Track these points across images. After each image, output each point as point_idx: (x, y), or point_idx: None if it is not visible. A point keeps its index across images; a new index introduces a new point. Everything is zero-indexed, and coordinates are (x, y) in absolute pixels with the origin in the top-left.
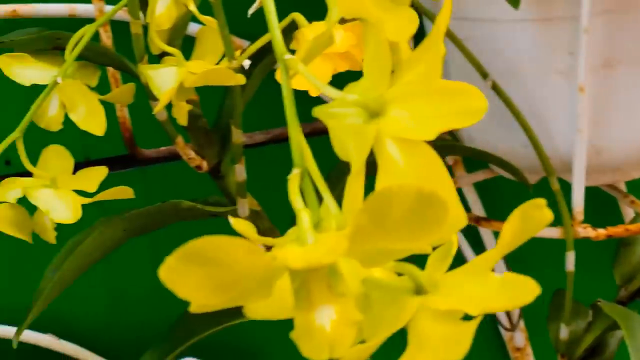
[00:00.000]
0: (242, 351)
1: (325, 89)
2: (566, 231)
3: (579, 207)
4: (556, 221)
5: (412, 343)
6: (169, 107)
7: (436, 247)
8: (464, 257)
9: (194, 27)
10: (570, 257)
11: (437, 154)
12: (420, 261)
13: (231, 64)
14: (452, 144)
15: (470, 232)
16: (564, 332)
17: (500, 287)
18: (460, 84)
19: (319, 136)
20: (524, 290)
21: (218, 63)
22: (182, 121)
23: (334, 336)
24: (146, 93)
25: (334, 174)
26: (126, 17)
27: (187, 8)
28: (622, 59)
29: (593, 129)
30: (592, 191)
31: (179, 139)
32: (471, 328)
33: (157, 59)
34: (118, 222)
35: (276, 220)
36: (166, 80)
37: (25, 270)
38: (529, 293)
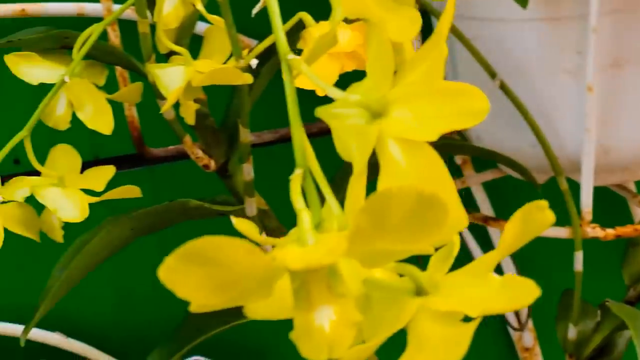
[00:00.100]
0: (249, 350)
1: (328, 89)
2: (574, 231)
3: (587, 207)
4: (565, 221)
5: (412, 344)
6: (176, 106)
7: (439, 248)
8: (472, 256)
9: (202, 26)
10: (579, 257)
11: (446, 153)
12: (424, 262)
13: (238, 63)
14: (460, 143)
15: (479, 232)
16: (572, 332)
17: (500, 288)
18: (463, 85)
19: (325, 136)
20: (524, 292)
21: (226, 62)
22: (189, 120)
23: (333, 337)
24: (154, 92)
25: (339, 174)
26: (134, 16)
27: (195, 7)
28: (630, 58)
29: (601, 128)
30: (600, 191)
31: (187, 138)
32: (470, 330)
33: (165, 58)
34: (125, 221)
35: (284, 219)
36: (173, 80)
37: (33, 269)
38: (529, 295)
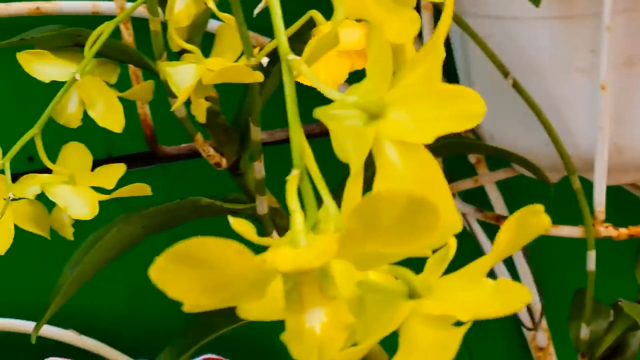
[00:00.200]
0: (262, 347)
1: (326, 90)
2: (587, 230)
3: (600, 207)
4: (577, 220)
5: (402, 346)
6: (188, 104)
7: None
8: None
9: (214, 24)
10: (591, 257)
11: (459, 151)
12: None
13: (249, 61)
14: (473, 142)
15: (493, 231)
16: (585, 331)
17: (493, 293)
18: (460, 87)
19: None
20: (516, 297)
21: (237, 60)
22: (200, 118)
23: (323, 339)
24: (166, 90)
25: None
26: (147, 14)
27: (206, 5)
28: None
29: (615, 127)
30: (614, 190)
31: (198, 136)
32: (459, 334)
33: (177, 56)
34: (137, 219)
35: None
36: (185, 78)
37: (46, 266)
38: (520, 300)
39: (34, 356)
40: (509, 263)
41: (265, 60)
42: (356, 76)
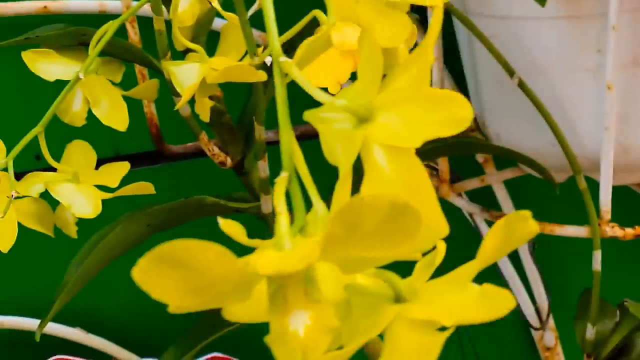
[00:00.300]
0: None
1: (315, 92)
2: (593, 230)
3: (606, 207)
4: (583, 220)
5: (386, 350)
6: (192, 103)
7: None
8: None
9: (220, 23)
10: (597, 257)
11: (466, 151)
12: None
13: (253, 60)
14: (480, 142)
15: None
16: (590, 331)
17: (478, 298)
18: (447, 92)
19: None
20: (500, 302)
21: (241, 60)
22: (204, 117)
23: (307, 342)
24: (170, 89)
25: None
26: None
27: (211, 4)
28: None
29: (621, 127)
30: (620, 190)
31: (203, 135)
32: (441, 339)
33: (182, 55)
34: (142, 217)
35: None
36: (188, 77)
37: (53, 264)
38: (505, 306)
39: (42, 354)
40: (516, 262)
41: (269, 60)
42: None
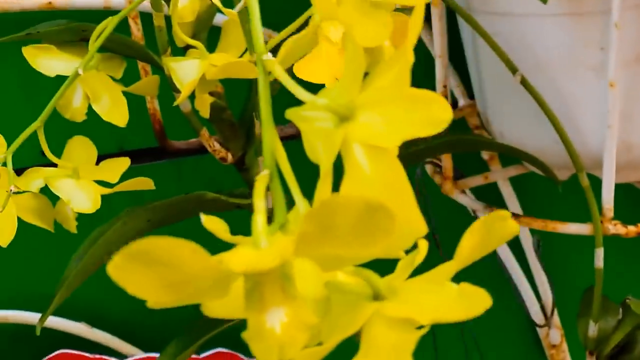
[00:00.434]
0: None
1: (297, 90)
2: (595, 228)
3: (608, 204)
4: (586, 218)
5: (363, 347)
6: (193, 99)
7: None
8: (496, 253)
9: (221, 19)
10: (600, 254)
11: (470, 149)
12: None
13: (253, 57)
14: (484, 139)
15: None
16: (593, 329)
17: (456, 297)
18: (428, 92)
19: None
20: (477, 301)
21: (242, 56)
22: (204, 113)
23: (283, 338)
24: (170, 85)
25: None
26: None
27: (211, 1)
28: None
29: (624, 124)
30: (623, 188)
31: (204, 131)
32: (415, 337)
33: (183, 51)
34: (142, 213)
35: None
36: (188, 73)
37: (58, 259)
38: (481, 305)
39: (46, 348)
40: (521, 259)
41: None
42: None
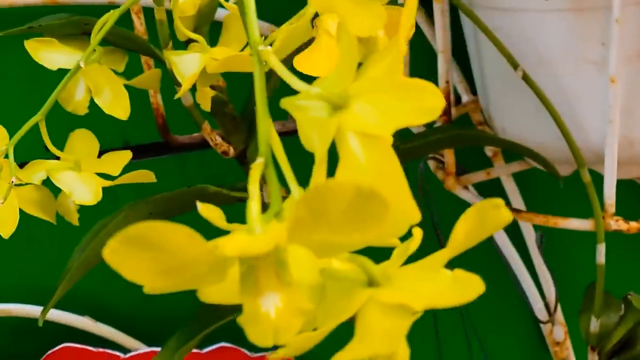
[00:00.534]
0: None
1: (291, 80)
2: (597, 224)
3: (610, 200)
4: (588, 213)
5: (357, 333)
6: (194, 93)
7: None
8: (499, 247)
9: (223, 13)
10: (601, 250)
11: (472, 144)
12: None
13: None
14: (485, 135)
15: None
16: (595, 324)
17: (450, 283)
18: (420, 81)
19: None
20: (470, 287)
21: (243, 49)
22: (205, 107)
23: (278, 323)
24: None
25: None
26: None
27: None
28: None
29: (625, 120)
30: (625, 183)
31: (205, 125)
32: (408, 323)
33: (184, 45)
34: (144, 206)
35: None
36: (189, 66)
37: (62, 252)
38: (474, 290)
39: (50, 342)
40: (524, 255)
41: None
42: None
